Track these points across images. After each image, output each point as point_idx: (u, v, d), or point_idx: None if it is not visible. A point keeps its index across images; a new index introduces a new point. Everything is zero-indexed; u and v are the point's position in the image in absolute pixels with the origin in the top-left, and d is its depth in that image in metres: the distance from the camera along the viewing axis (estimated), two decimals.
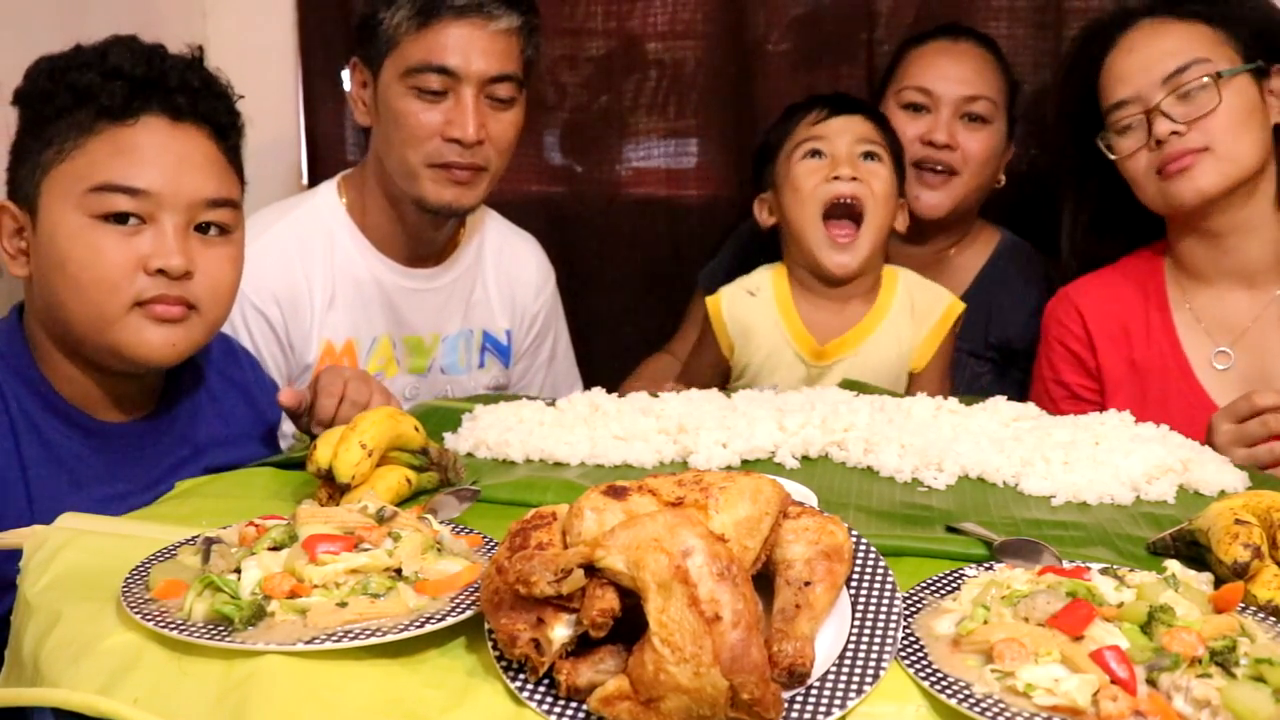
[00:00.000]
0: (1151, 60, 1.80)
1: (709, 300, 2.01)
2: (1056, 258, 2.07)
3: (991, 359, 2.19)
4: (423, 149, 1.86)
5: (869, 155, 1.93)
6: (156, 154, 1.39)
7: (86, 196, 1.36)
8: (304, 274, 1.93)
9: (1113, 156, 1.84)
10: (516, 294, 2.15)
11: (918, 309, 1.97)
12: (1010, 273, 2.21)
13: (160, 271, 1.37)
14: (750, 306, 1.98)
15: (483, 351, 2.11)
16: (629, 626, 0.85)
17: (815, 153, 1.94)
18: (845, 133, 1.93)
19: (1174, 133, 1.75)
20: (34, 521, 1.33)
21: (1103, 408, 1.78)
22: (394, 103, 1.85)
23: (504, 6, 1.84)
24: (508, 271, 2.14)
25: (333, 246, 1.96)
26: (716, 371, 2.01)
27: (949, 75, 2.11)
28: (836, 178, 1.90)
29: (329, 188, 2.02)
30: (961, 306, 2.00)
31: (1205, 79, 1.75)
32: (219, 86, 1.48)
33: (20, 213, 1.41)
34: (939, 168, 2.12)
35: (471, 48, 1.83)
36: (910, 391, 1.92)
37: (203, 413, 1.57)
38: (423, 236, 2.00)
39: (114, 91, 1.38)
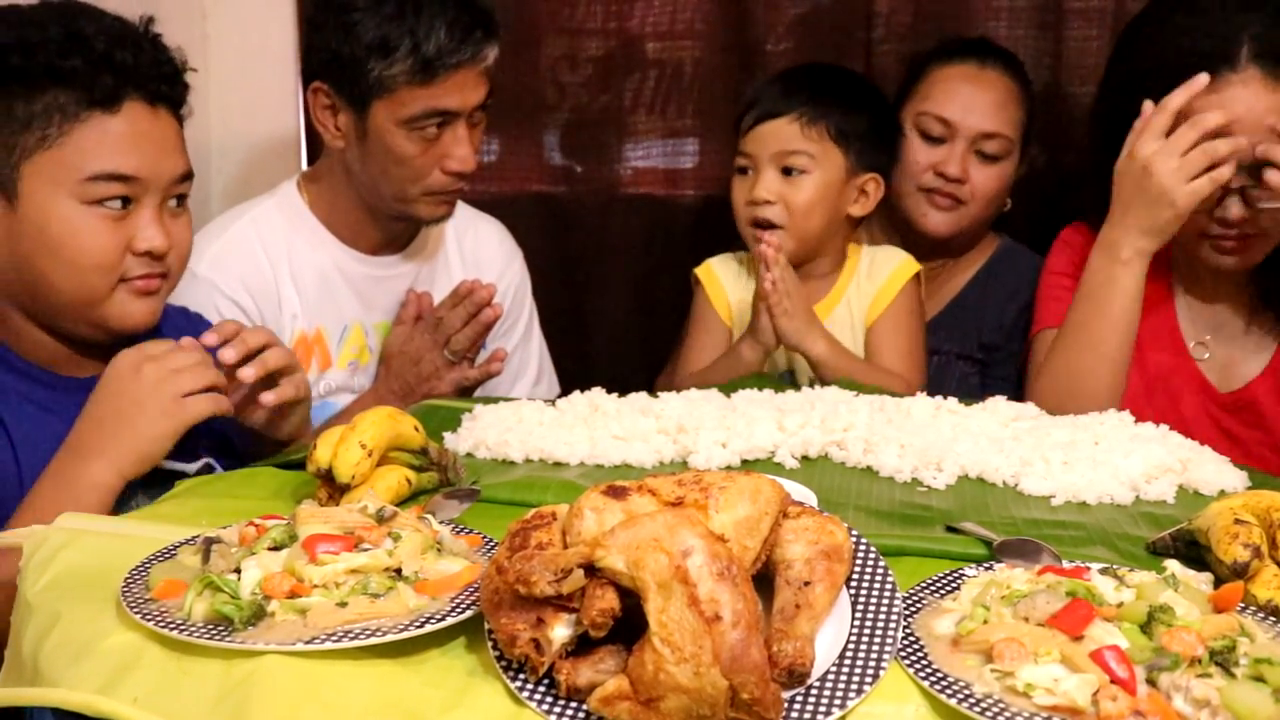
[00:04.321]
0: (1249, 125, 1.67)
1: (699, 271, 2.08)
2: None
3: (979, 360, 2.19)
4: (424, 182, 1.92)
5: (789, 170, 1.94)
6: (141, 140, 1.44)
7: (82, 185, 1.41)
8: (269, 263, 1.96)
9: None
10: (483, 274, 2.17)
11: (875, 270, 2.03)
12: (1004, 273, 2.22)
13: (146, 253, 1.45)
14: (738, 269, 2.08)
15: None
16: (629, 626, 0.85)
17: (742, 169, 1.99)
18: (768, 144, 1.95)
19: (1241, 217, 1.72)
20: (19, 468, 1.38)
21: None
22: (392, 144, 1.88)
23: (490, 42, 1.88)
24: (473, 252, 2.18)
25: (294, 239, 1.99)
26: (719, 349, 2.04)
27: (970, 106, 2.10)
28: (753, 201, 1.95)
29: (288, 187, 2.05)
30: (917, 266, 2.02)
31: None
32: (180, 66, 1.50)
33: None
34: (947, 199, 2.13)
35: (466, 87, 1.88)
36: (867, 348, 1.98)
37: None
38: (391, 230, 2.04)
39: (105, 83, 1.40)
